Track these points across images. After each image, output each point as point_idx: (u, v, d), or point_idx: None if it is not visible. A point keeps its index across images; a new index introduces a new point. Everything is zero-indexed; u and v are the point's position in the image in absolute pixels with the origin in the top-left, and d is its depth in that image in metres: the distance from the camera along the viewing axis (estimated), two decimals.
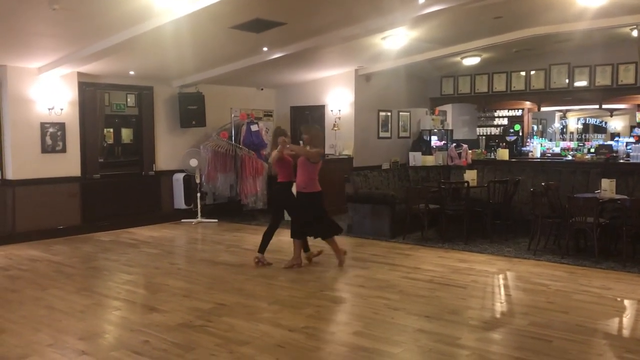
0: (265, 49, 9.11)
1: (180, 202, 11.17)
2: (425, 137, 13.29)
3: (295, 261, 7.13)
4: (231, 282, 6.46)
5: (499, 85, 12.88)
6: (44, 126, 9.14)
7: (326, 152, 12.04)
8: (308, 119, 12.65)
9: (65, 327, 4.98)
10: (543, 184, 8.03)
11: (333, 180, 10.86)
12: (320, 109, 12.40)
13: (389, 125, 12.88)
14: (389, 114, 12.83)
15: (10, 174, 8.89)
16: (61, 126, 9.33)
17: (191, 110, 11.07)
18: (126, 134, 13.45)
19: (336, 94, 12.09)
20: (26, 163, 8.98)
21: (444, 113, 14.23)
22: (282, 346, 4.46)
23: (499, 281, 6.68)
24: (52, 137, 9.23)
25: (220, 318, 5.13)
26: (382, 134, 12.68)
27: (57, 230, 9.34)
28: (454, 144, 12.61)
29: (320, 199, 7.22)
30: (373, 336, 4.68)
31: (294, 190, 7.38)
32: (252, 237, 9.30)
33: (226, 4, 6.24)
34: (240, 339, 4.60)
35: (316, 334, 4.78)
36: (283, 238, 9.17)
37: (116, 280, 6.67)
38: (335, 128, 11.78)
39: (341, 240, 8.89)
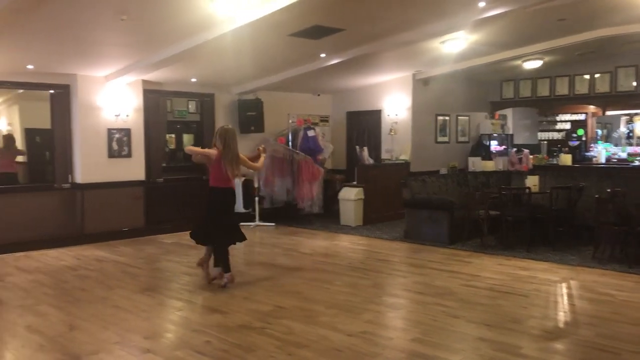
0: (323, 55, 9.20)
1: (239, 206, 11.35)
2: (484, 142, 13.05)
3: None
4: (289, 285, 6.54)
5: (562, 88, 12.54)
6: (110, 132, 9.51)
7: (382, 157, 12.05)
8: (365, 124, 12.68)
9: (130, 326, 5.16)
10: (609, 190, 7.76)
11: (389, 186, 10.86)
12: (377, 113, 12.38)
13: (447, 129, 12.73)
14: (447, 118, 12.69)
15: (80, 177, 9.29)
16: (127, 132, 9.68)
17: (250, 117, 11.28)
18: (187, 139, 13.83)
19: (393, 99, 12.06)
20: (94, 167, 9.37)
21: (504, 117, 13.92)
22: (340, 350, 4.49)
23: (563, 290, 6.49)
24: (118, 143, 9.59)
25: (279, 320, 5.20)
26: (440, 139, 12.55)
27: (122, 232, 9.69)
28: (515, 149, 12.32)
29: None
30: (432, 343, 4.64)
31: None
32: (309, 241, 9.40)
33: (286, 12, 6.33)
34: (298, 342, 4.65)
35: (374, 339, 4.78)
36: (339, 243, 9.24)
37: (178, 281, 6.87)
38: (392, 133, 11.74)
39: (399, 246, 8.88)
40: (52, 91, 9.33)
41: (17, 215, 8.80)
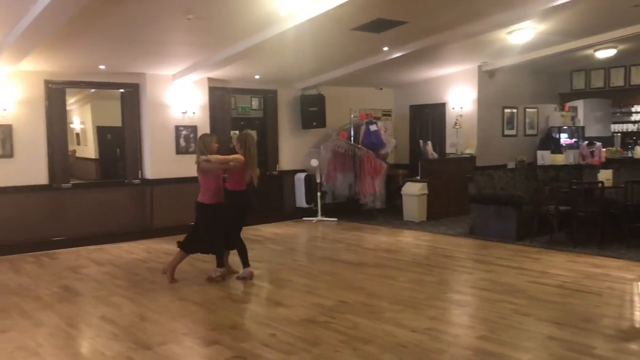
0: (385, 48, 9.11)
1: (301, 201, 11.47)
2: (554, 135, 12.60)
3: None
4: (352, 280, 6.53)
5: (637, 78, 11.93)
6: (178, 129, 9.77)
7: (446, 151, 11.84)
8: (429, 117, 12.49)
9: (198, 318, 5.30)
10: None
11: (454, 180, 10.67)
12: (441, 107, 12.17)
13: (515, 122, 12.36)
14: (514, 110, 12.32)
15: (149, 173, 9.60)
16: (193, 129, 9.92)
17: (312, 112, 11.33)
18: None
19: (458, 91, 11.82)
20: (162, 164, 9.65)
21: (575, 109, 13.38)
22: (405, 346, 4.44)
23: (639, 289, 6.19)
24: (185, 139, 9.84)
25: (343, 315, 5.20)
26: (507, 132, 12.20)
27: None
28: (586, 142, 11.84)
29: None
30: (499, 341, 4.53)
31: None
32: (372, 236, 9.36)
33: (348, 6, 6.30)
34: (363, 337, 4.64)
35: (439, 336, 4.70)
36: (402, 239, 9.15)
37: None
38: (457, 126, 11.51)
39: (464, 242, 8.71)
40: (122, 90, 9.67)
41: (90, 210, 9.20)
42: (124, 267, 7.45)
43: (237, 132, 13.52)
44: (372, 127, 11.10)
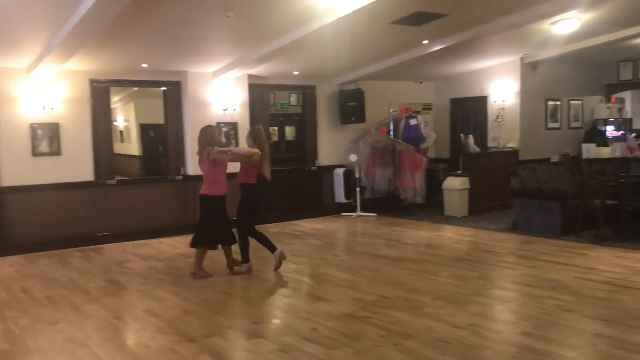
0: (425, 42, 9.02)
1: (340, 197, 11.47)
2: (600, 128, 12.26)
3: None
4: (393, 276, 6.50)
5: None
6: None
7: (488, 145, 11.66)
8: (470, 111, 12.32)
9: (241, 312, 5.37)
10: None
11: (497, 175, 10.49)
12: (482, 100, 11.98)
13: (559, 115, 12.08)
14: (558, 103, 12.04)
15: (191, 170, 9.75)
16: (234, 126, 10.03)
17: (351, 107, 11.30)
18: (289, 132, 14.13)
19: (500, 84, 11.61)
20: None
21: (622, 101, 13.00)
22: (447, 342, 4.41)
23: None
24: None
25: (384, 311, 5.18)
26: (550, 125, 11.93)
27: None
28: (634, 135, 11.49)
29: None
30: (544, 338, 4.44)
31: None
32: (412, 232, 9.30)
33: (387, 0, 6.27)
34: (404, 333, 4.62)
35: (483, 332, 4.65)
36: (444, 234, 9.06)
37: (284, 270, 7.01)
38: (499, 120, 11.32)
39: (507, 237, 8.58)
40: (164, 88, 9.84)
41: (134, 206, 9.40)
42: (168, 261, 7.60)
43: (276, 128, 13.79)
44: (412, 122, 11.01)
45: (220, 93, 9.89)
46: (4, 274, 7.09)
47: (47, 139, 8.59)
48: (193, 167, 9.71)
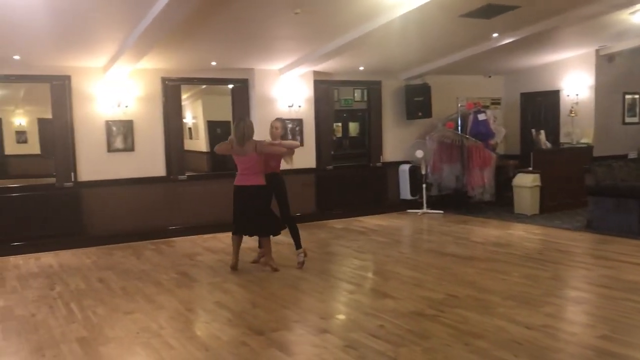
0: (495, 34, 8.79)
1: (405, 193, 11.36)
2: None
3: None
4: (461, 274, 6.38)
5: None
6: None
7: (560, 141, 11.25)
8: (541, 105, 11.92)
9: (307, 306, 5.41)
10: None
11: (569, 172, 10.12)
12: (554, 94, 11.57)
13: (637, 109, 11.51)
14: (636, 96, 11.48)
15: None
16: (299, 122, 10.10)
17: (417, 102, 11.15)
18: (353, 128, 14.11)
19: (573, 78, 11.18)
20: None
21: None
22: (519, 343, 4.28)
23: None
24: (291, 132, 10.02)
25: (453, 309, 5.10)
26: (628, 119, 11.40)
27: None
28: None
29: (235, 194, 6.94)
30: (623, 342, 4.25)
31: None
32: (480, 229, 9.10)
33: None
34: (474, 332, 4.52)
35: (556, 333, 4.49)
36: (513, 232, 8.82)
37: (349, 265, 7.03)
38: (572, 114, 10.90)
39: (581, 236, 8.27)
40: (232, 85, 10.02)
41: (203, 201, 9.62)
42: None
43: (339, 124, 13.79)
44: (481, 116, 10.74)
45: (286, 89, 9.98)
46: (82, 265, 7.42)
47: (121, 135, 8.93)
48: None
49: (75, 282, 6.53)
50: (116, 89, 8.79)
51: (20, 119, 12.16)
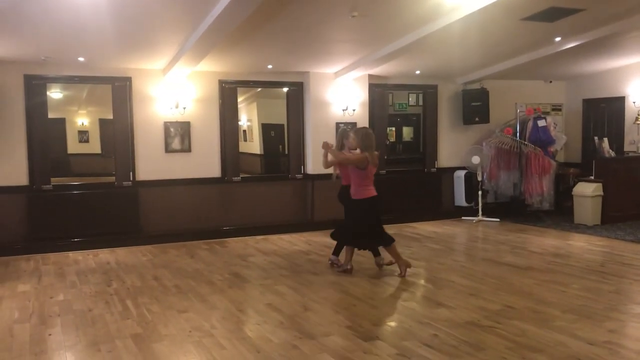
0: (557, 38, 8.50)
1: (460, 200, 11.14)
2: None
3: (345, 266, 6.70)
4: (518, 284, 6.18)
5: None
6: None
7: (625, 149, 10.79)
8: (604, 112, 11.47)
9: (359, 312, 5.33)
10: None
11: (634, 182, 9.75)
12: (619, 101, 11.11)
13: None
14: None
15: (311, 168, 9.90)
16: (353, 126, 10.02)
17: (474, 107, 10.93)
18: (407, 132, 13.94)
19: (639, 84, 10.70)
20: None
21: None
22: (579, 359, 4.10)
23: None
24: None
25: (510, 321, 4.93)
26: None
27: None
28: None
29: (371, 206, 6.54)
30: None
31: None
32: (538, 239, 8.82)
33: None
34: (532, 346, 4.35)
35: (621, 351, 4.27)
36: (573, 243, 8.50)
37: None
38: (638, 122, 10.44)
39: (635, 248, 7.91)
40: (287, 89, 10.07)
41: (257, 203, 9.70)
42: (288, 257, 7.75)
43: (393, 128, 13.64)
44: (541, 123, 10.43)
45: (341, 93, 9.95)
46: (138, 262, 7.58)
47: (179, 136, 9.10)
48: (312, 165, 9.86)
49: (131, 279, 6.68)
50: (175, 91, 8.97)
51: (82, 119, 12.58)
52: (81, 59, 8.04)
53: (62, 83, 9.41)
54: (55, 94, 10.84)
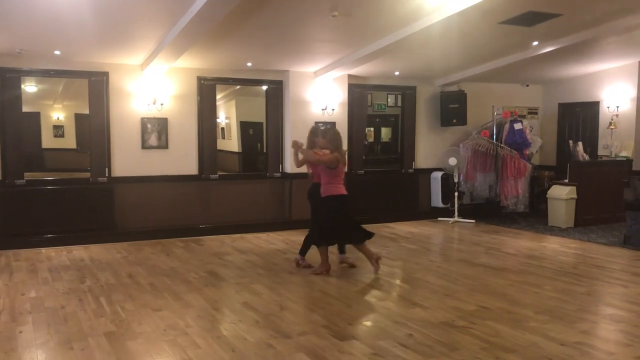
0: (535, 43, 8.61)
1: (437, 201, 11.22)
2: None
3: (322, 268, 6.70)
4: (493, 285, 6.24)
5: None
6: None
7: (598, 153, 10.98)
8: (579, 116, 11.66)
9: (335, 311, 5.33)
10: None
11: (607, 185, 9.88)
12: (594, 105, 11.30)
13: None
14: None
15: (289, 167, 9.88)
16: (332, 125, 10.05)
17: (452, 109, 11.02)
18: (385, 133, 13.99)
19: (613, 89, 10.90)
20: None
21: None
22: (552, 359, 4.15)
23: None
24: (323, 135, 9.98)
25: (484, 321, 4.98)
26: None
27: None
28: None
29: (342, 204, 6.66)
30: None
31: None
32: (513, 240, 8.92)
33: None
34: (506, 346, 4.40)
35: (592, 352, 4.34)
36: (547, 245, 8.61)
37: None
38: (612, 127, 10.63)
39: (618, 252, 8.04)
40: (266, 87, 10.03)
41: (234, 201, 9.65)
42: (264, 256, 7.72)
43: (371, 129, 13.68)
44: (517, 126, 10.56)
45: (320, 92, 9.95)
46: (112, 260, 7.49)
47: (156, 132, 9.01)
48: (291, 164, 9.83)
49: (105, 276, 6.59)
50: (152, 87, 8.88)
51: (57, 114, 12.37)
52: (57, 52, 7.91)
53: (38, 77, 9.25)
54: (30, 87, 10.64)
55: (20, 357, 4.23)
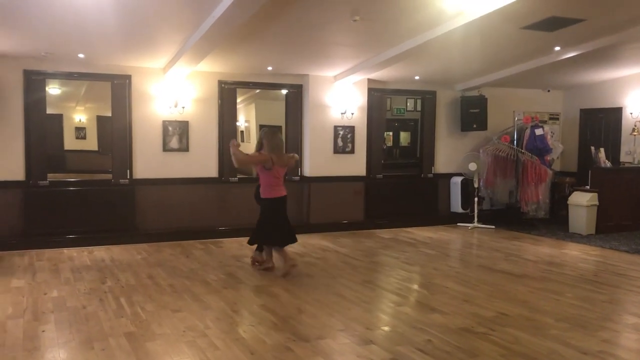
0: (557, 48, 8.54)
1: (456, 206, 11.16)
2: None
3: (267, 264, 6.98)
4: (513, 292, 6.19)
5: None
6: (336, 129, 9.98)
7: (621, 160, 10.84)
8: (602, 122, 11.52)
9: (353, 315, 5.33)
10: None
11: (629, 192, 9.78)
12: (617, 111, 11.16)
13: None
14: None
15: (308, 171, 9.90)
16: (351, 129, 10.07)
17: (473, 114, 10.97)
18: (404, 137, 13.96)
19: (637, 95, 10.76)
20: (320, 162, 9.92)
21: None
22: None
23: None
24: (342, 139, 10.02)
25: (504, 328, 4.94)
26: None
27: (343, 224, 10.11)
28: None
29: (279, 205, 6.76)
30: None
31: None
32: (533, 247, 8.84)
33: (521, 3, 6.00)
34: (525, 353, 4.37)
35: None
36: (567, 252, 8.53)
37: (396, 276, 6.93)
38: (635, 133, 10.48)
39: (639, 260, 7.94)
40: (286, 91, 10.07)
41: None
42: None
43: (390, 133, 13.66)
44: (538, 131, 10.46)
45: (340, 96, 9.97)
46: (133, 261, 7.57)
47: (177, 135, 9.09)
48: (310, 168, 9.88)
49: (125, 277, 6.67)
50: (174, 90, 8.97)
51: (80, 116, 12.53)
52: (81, 55, 8.03)
53: (62, 79, 9.38)
54: (53, 89, 10.80)
55: (43, 356, 4.29)
